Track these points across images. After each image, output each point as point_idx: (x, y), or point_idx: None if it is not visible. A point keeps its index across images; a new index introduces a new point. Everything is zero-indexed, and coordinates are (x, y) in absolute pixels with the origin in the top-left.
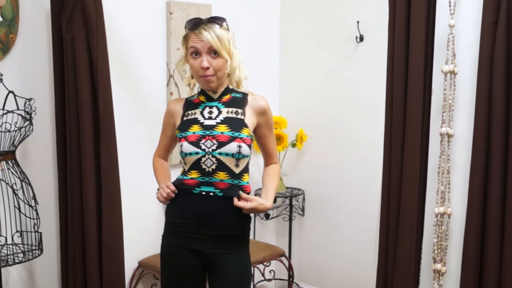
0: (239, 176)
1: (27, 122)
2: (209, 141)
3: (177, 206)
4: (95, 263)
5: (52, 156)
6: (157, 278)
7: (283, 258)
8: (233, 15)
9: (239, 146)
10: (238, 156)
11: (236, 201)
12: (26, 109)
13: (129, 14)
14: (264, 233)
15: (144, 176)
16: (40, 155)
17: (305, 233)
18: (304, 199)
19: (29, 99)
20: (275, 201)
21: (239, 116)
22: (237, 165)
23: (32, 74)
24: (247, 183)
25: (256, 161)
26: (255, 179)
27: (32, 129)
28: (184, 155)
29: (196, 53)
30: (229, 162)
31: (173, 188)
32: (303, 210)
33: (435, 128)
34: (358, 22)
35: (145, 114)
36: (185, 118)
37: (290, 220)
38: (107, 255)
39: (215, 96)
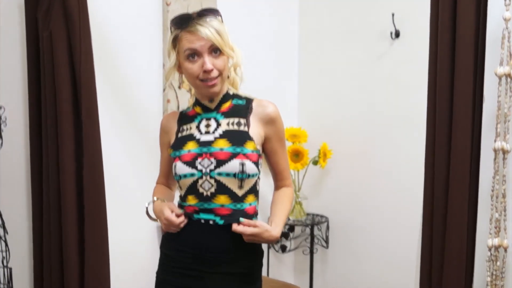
0: (242, 198)
1: None
2: (206, 159)
3: (173, 236)
4: None
5: (25, 176)
6: None
7: None
8: (241, 8)
9: (242, 164)
10: (241, 176)
11: (234, 226)
12: None
13: (118, 6)
14: (280, 269)
15: (136, 204)
16: (10, 174)
17: (329, 268)
18: (328, 228)
19: None
20: (292, 229)
21: (241, 128)
22: (240, 187)
23: (2, 78)
24: (250, 204)
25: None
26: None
27: (2, 143)
28: (178, 177)
29: (194, 55)
30: (231, 183)
31: (178, 211)
32: (326, 242)
33: (488, 143)
34: (393, 14)
35: (137, 126)
36: (179, 135)
37: (312, 253)
38: None
39: (213, 106)
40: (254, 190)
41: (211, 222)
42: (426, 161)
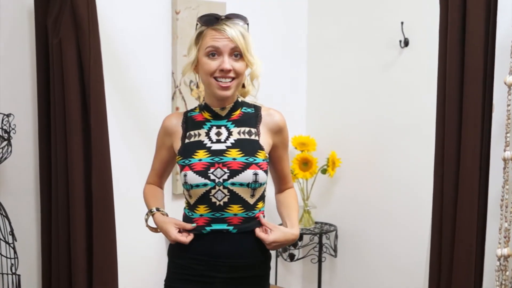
0: (254, 206)
1: (5, 143)
2: (219, 169)
3: (184, 246)
4: None
5: (35, 184)
6: None
7: None
8: (250, 17)
9: (255, 174)
10: (254, 186)
11: (258, 232)
12: (4, 127)
13: (128, 13)
14: (287, 277)
15: (144, 210)
16: (19, 182)
17: (338, 278)
18: (336, 236)
19: (8, 115)
20: (301, 238)
21: (252, 137)
22: (252, 196)
23: (12, 86)
24: (259, 210)
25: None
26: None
27: (11, 151)
28: (189, 187)
29: (215, 53)
30: (244, 193)
31: (184, 225)
32: (335, 250)
33: (497, 152)
34: (402, 23)
35: (146, 134)
36: (187, 141)
37: (320, 262)
38: None
39: (223, 113)
40: (263, 196)
41: (224, 231)
42: (435, 170)
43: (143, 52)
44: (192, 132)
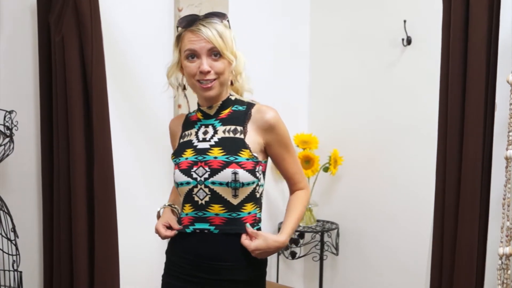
0: (238, 207)
1: (7, 139)
2: (201, 168)
3: (176, 242)
4: None
5: (36, 181)
6: None
7: None
8: (253, 14)
9: (235, 173)
10: (234, 185)
11: (243, 239)
12: (6, 124)
13: (130, 11)
14: (289, 275)
15: (145, 209)
16: (21, 179)
17: (339, 275)
18: (338, 234)
19: (10, 112)
20: (302, 236)
21: (237, 135)
22: (235, 195)
23: (14, 83)
24: (249, 213)
25: (281, 188)
26: (279, 210)
27: (13, 148)
28: (176, 185)
29: (193, 55)
30: (225, 192)
31: (174, 225)
32: (337, 248)
33: (500, 151)
34: (404, 21)
35: (148, 132)
36: (181, 141)
37: (321, 260)
38: None
39: (212, 112)
40: (253, 199)
41: (205, 231)
42: (437, 169)
43: (145, 49)
44: (186, 132)
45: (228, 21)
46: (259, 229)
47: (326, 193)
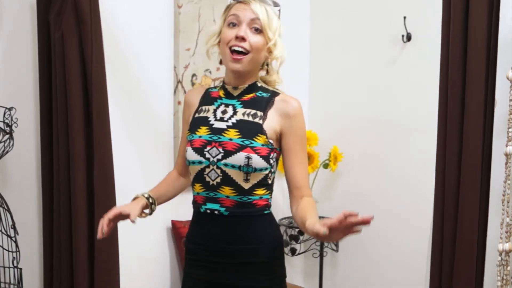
0: (249, 192)
1: (7, 136)
2: (214, 148)
3: (192, 230)
4: None
5: (36, 177)
6: None
7: None
8: None
9: (248, 158)
10: (246, 170)
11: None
12: (6, 121)
13: (130, 8)
14: (289, 272)
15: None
16: (21, 175)
17: (339, 272)
18: None
19: (10, 109)
20: (302, 233)
21: (256, 120)
22: (246, 180)
23: (14, 79)
24: (260, 198)
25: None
26: (279, 207)
27: (13, 144)
28: (188, 163)
29: (235, 23)
30: (236, 175)
31: (132, 217)
32: (336, 245)
33: (499, 147)
34: (404, 18)
35: (148, 128)
36: (196, 115)
37: (321, 256)
38: None
39: (236, 93)
40: (264, 184)
41: (216, 212)
42: (437, 165)
43: (145, 46)
44: (203, 107)
45: (279, 11)
46: (269, 214)
47: (326, 190)
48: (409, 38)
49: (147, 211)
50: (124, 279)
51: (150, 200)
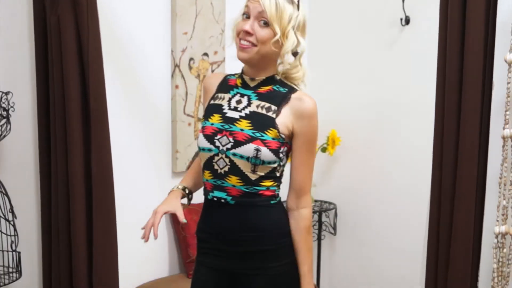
0: (256, 183)
1: (4, 120)
2: (225, 137)
3: (201, 217)
4: None
5: (34, 161)
6: None
7: None
8: None
9: (257, 150)
10: (254, 161)
11: None
12: (3, 105)
13: None
14: None
15: (143, 187)
16: (19, 159)
17: (337, 255)
18: (336, 215)
19: (6, 93)
20: None
21: (269, 114)
22: (254, 171)
23: (10, 63)
24: (267, 188)
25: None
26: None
27: (10, 129)
28: (198, 149)
29: (247, 15)
30: (244, 166)
31: (180, 217)
32: (334, 228)
33: (496, 130)
34: (403, 1)
35: (145, 112)
36: (211, 102)
37: (319, 239)
38: (99, 280)
39: (252, 84)
40: (272, 176)
41: (222, 200)
42: (435, 149)
43: (142, 30)
44: (219, 94)
45: (298, 2)
46: (276, 203)
47: (324, 174)
48: (407, 21)
49: (185, 200)
50: (123, 263)
51: (187, 191)
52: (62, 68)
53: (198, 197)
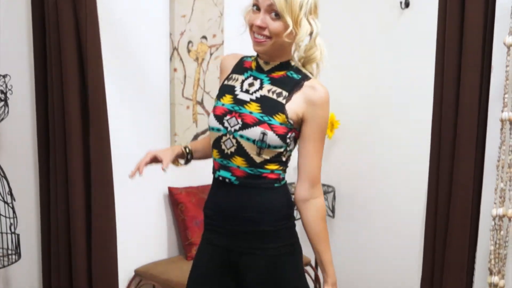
0: (261, 165)
1: (2, 103)
2: (234, 118)
3: (209, 195)
4: (83, 271)
5: (32, 144)
6: None
7: (308, 268)
8: None
9: (263, 133)
10: (260, 145)
11: None
12: (1, 88)
13: None
14: None
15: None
16: (17, 142)
17: (335, 237)
18: (334, 197)
19: (4, 76)
20: None
21: (279, 99)
22: (259, 154)
23: (7, 46)
24: (272, 172)
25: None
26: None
27: (8, 112)
28: (209, 128)
29: (258, 7)
30: (250, 148)
31: (165, 163)
32: (333, 211)
33: (495, 113)
34: None
35: (143, 95)
36: (225, 82)
37: None
38: (98, 261)
39: (266, 68)
40: (277, 160)
41: (227, 180)
42: (433, 132)
43: (140, 12)
44: (233, 75)
45: None
46: (279, 186)
47: (322, 157)
48: (407, 4)
49: (182, 161)
50: (121, 244)
51: (187, 150)
52: (60, 50)
53: (198, 179)
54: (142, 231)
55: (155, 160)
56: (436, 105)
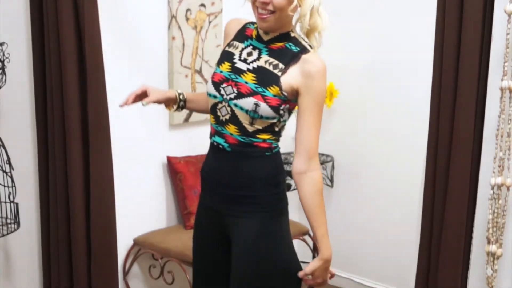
0: (253, 134)
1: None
2: (230, 87)
3: (205, 158)
4: (82, 240)
5: (30, 112)
6: (155, 258)
7: (306, 237)
8: None
9: (256, 104)
10: (253, 115)
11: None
12: None
13: None
14: None
15: (139, 138)
16: (15, 111)
17: (334, 207)
18: (333, 167)
19: (1, 44)
20: None
21: (275, 71)
22: (251, 124)
23: (4, 14)
24: (264, 141)
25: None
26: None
27: (5, 80)
28: (207, 94)
29: None
30: (243, 117)
31: (148, 98)
32: (331, 181)
33: (495, 82)
34: None
35: (142, 64)
36: (226, 48)
37: None
38: (97, 230)
39: (266, 38)
40: (270, 130)
41: (220, 146)
42: (432, 100)
43: None
44: (234, 42)
45: None
46: (270, 155)
47: (321, 126)
48: None
49: (175, 106)
50: (120, 213)
51: (181, 97)
52: (57, 18)
53: (196, 148)
54: (141, 200)
55: (145, 94)
56: (435, 73)
